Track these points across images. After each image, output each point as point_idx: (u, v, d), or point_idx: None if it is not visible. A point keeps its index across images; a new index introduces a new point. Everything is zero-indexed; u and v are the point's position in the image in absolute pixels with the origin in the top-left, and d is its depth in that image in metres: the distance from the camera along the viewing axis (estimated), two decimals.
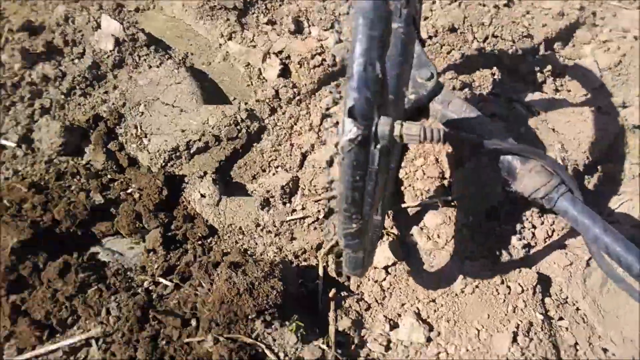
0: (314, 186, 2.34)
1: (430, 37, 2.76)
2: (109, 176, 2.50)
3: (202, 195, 2.34)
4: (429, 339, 1.87)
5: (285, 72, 2.82)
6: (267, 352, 1.77)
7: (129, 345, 1.88)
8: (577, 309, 1.91)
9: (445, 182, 2.23)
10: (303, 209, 2.30)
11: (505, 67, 2.74)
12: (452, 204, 2.17)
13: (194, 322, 1.92)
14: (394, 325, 1.96)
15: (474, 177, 2.17)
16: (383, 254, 2.12)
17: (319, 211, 2.25)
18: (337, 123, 2.56)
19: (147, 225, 2.28)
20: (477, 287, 1.90)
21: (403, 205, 2.26)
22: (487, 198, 2.16)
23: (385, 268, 2.12)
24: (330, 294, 2.04)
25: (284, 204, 2.33)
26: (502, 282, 1.90)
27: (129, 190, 2.44)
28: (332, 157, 2.40)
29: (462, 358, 1.77)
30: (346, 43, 2.83)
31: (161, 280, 2.10)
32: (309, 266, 2.19)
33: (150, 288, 2.09)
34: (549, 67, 2.75)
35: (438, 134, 1.38)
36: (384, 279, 2.10)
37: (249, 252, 2.20)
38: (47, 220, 2.19)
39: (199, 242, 2.25)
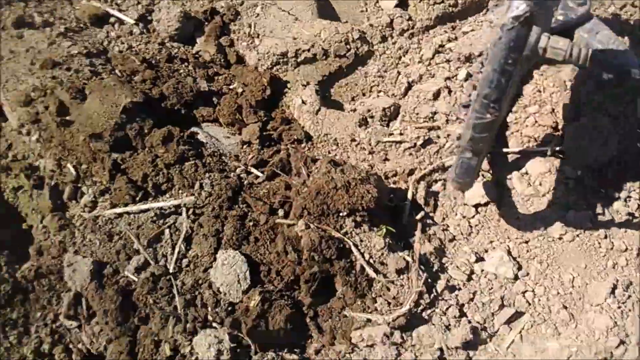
0: (416, 114, 2.29)
1: None
2: (215, 69, 2.54)
3: (303, 102, 2.34)
4: (516, 277, 1.82)
5: (402, 4, 2.75)
6: (354, 249, 1.76)
7: (217, 220, 1.92)
8: None
9: (557, 134, 2.13)
10: (401, 134, 2.25)
11: (637, 39, 2.57)
12: (561, 155, 2.08)
13: (281, 212, 1.94)
14: (479, 259, 1.91)
15: (589, 133, 2.07)
16: (475, 192, 2.07)
17: (417, 138, 2.20)
18: (449, 61, 2.49)
19: (245, 119, 2.31)
20: (577, 236, 1.83)
21: (505, 150, 2.18)
22: (598, 156, 2.05)
23: (476, 206, 2.06)
24: (418, 217, 2.02)
25: (382, 125, 2.30)
26: (605, 237, 1.82)
27: (231, 86, 2.47)
28: (439, 90, 2.34)
29: (552, 300, 1.71)
30: None
31: (253, 170, 2.13)
32: (397, 189, 2.16)
33: (241, 175, 2.11)
34: None
35: (585, 54, 1.31)
36: (473, 216, 2.05)
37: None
38: (156, 94, 2.25)
39: (293, 145, 2.26)
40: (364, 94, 2.52)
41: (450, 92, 2.35)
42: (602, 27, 1.65)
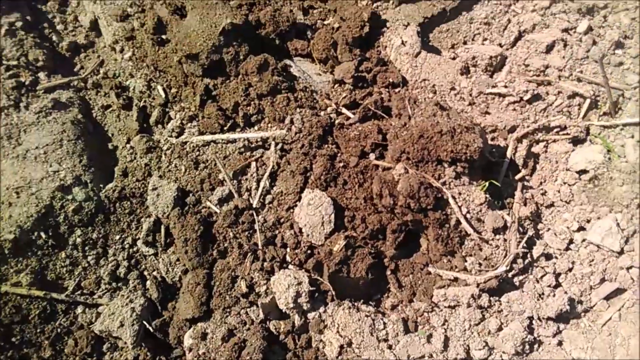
0: (525, 66, 2.09)
1: None
2: (310, 2, 2.40)
3: (403, 43, 2.18)
4: (622, 251, 1.65)
5: None
6: (451, 201, 1.64)
7: (306, 157, 1.83)
8: None
9: None
10: (506, 86, 2.07)
11: None
12: None
13: (372, 156, 1.84)
14: (581, 228, 1.76)
15: None
16: (582, 157, 1.89)
17: (525, 92, 2.02)
18: (567, 12, 2.26)
19: (340, 57, 2.17)
20: None
21: (623, 121, 1.98)
22: None
23: (580, 172, 1.88)
24: (518, 176, 1.87)
25: (487, 75, 2.12)
26: None
27: (326, 22, 2.34)
28: (554, 42, 2.13)
29: None
30: None
31: (344, 110, 2.02)
32: (496, 145, 2.00)
33: (331, 115, 2.01)
34: None
35: None
36: (575, 183, 1.88)
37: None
38: (252, 20, 2.14)
39: (387, 88, 2.12)
40: (465, 42, 2.33)
41: (565, 45, 2.14)
42: None
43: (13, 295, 1.69)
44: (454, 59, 2.23)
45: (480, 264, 1.66)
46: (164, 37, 2.03)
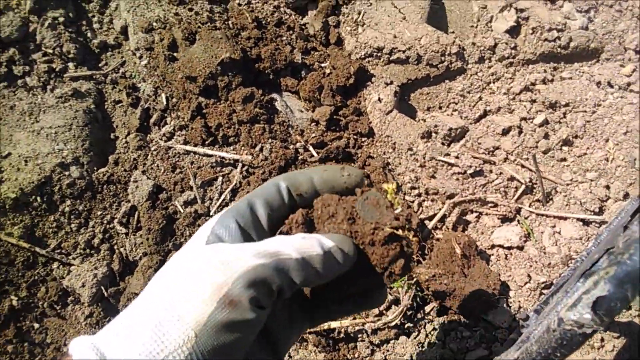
0: (478, 143, 2.36)
1: None
2: (314, 44, 2.72)
3: (379, 100, 2.48)
4: None
5: (513, 31, 2.76)
6: None
7: (264, 182, 2.16)
8: None
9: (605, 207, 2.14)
10: (457, 157, 2.35)
11: None
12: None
13: None
14: None
15: None
16: (503, 233, 2.15)
17: (469, 166, 2.29)
18: (534, 101, 2.51)
19: (322, 100, 2.49)
20: None
21: (546, 212, 2.22)
22: None
23: (498, 246, 2.15)
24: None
25: (443, 144, 2.40)
26: None
27: (323, 64, 2.66)
28: (510, 128, 2.39)
29: None
30: (591, 34, 2.68)
31: (311, 148, 2.34)
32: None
33: (299, 150, 2.33)
34: None
35: None
36: (491, 255, 2.14)
37: (389, 166, 2.34)
38: (254, 54, 2.48)
39: (355, 136, 2.43)
40: (440, 108, 2.61)
41: (520, 132, 2.40)
42: None
43: (5, 242, 2.08)
44: (425, 120, 2.52)
45: (375, 315, 1.96)
46: (175, 54, 2.39)
